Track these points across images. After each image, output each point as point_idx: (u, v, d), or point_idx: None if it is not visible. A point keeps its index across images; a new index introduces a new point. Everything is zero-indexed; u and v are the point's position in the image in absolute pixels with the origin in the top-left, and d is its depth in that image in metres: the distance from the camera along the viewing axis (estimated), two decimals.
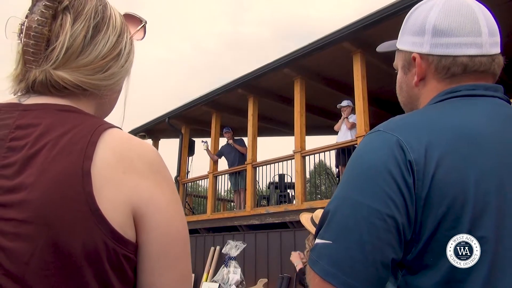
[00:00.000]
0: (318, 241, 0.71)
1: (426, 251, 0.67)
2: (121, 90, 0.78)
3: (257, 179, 8.06)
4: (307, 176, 8.40)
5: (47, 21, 0.64)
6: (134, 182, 0.61)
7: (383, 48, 0.97)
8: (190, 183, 10.34)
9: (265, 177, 9.01)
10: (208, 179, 8.90)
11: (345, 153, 6.64)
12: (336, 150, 6.97)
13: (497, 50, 0.80)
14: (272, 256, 6.38)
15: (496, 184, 0.67)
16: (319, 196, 13.80)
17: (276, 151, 9.06)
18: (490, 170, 0.68)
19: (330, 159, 11.00)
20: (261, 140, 11.47)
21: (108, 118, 0.77)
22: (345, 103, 6.94)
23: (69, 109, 0.65)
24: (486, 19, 0.79)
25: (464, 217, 0.65)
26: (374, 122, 3.73)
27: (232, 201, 9.24)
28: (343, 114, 6.90)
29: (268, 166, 7.94)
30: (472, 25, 0.78)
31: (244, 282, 6.51)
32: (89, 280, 0.56)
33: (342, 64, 6.84)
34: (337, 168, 7.33)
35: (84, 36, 0.67)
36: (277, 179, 8.28)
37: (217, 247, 7.34)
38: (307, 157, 7.15)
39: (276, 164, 7.79)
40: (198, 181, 10.30)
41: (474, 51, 0.78)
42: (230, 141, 8.60)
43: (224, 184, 8.86)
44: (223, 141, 9.04)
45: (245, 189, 7.90)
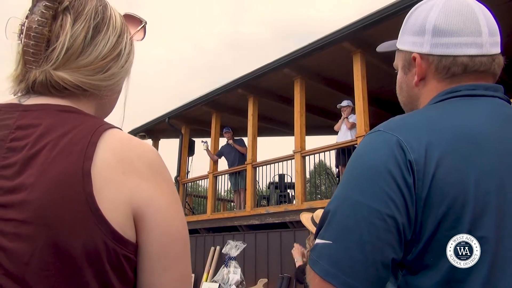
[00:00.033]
0: (318, 241, 0.71)
1: (426, 251, 0.67)
2: (121, 91, 0.78)
3: (257, 179, 8.06)
4: (307, 176, 8.40)
5: (47, 22, 0.64)
6: (134, 183, 0.61)
7: (383, 48, 0.97)
8: (190, 183, 10.34)
9: (265, 177, 9.04)
10: (208, 179, 8.90)
11: (345, 153, 6.64)
12: (336, 150, 6.97)
13: (497, 50, 0.80)
14: (272, 256, 6.38)
15: (496, 184, 0.67)
16: (319, 196, 13.80)
17: (276, 151, 9.07)
18: (490, 170, 0.68)
19: (330, 159, 11.05)
20: (261, 140, 11.49)
21: (108, 118, 0.77)
22: (345, 103, 6.94)
23: (69, 110, 0.65)
24: (486, 19, 0.79)
25: (464, 217, 0.65)
26: (374, 122, 3.73)
27: (232, 201, 9.24)
28: (343, 114, 6.90)
29: (268, 166, 7.94)
30: (472, 25, 0.78)
31: (244, 282, 6.51)
32: (89, 280, 0.56)
33: (342, 64, 6.84)
34: (337, 168, 7.33)
35: (84, 37, 0.67)
36: (277, 179, 8.28)
37: (217, 247, 7.34)
38: (307, 157, 7.15)
39: (276, 164, 7.79)
40: (198, 181, 10.30)
41: (474, 51, 0.78)
42: (230, 141, 8.60)
43: (224, 184, 8.87)
44: (223, 141, 9.04)
45: (245, 189, 7.90)
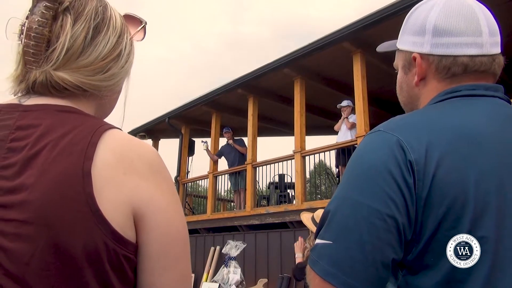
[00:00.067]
0: (318, 241, 0.71)
1: (427, 251, 0.67)
2: (121, 91, 0.78)
3: (257, 179, 8.06)
4: (307, 176, 8.40)
5: (48, 22, 0.64)
6: (134, 183, 0.61)
7: (383, 48, 0.97)
8: (190, 183, 10.34)
9: (265, 177, 9.05)
10: (208, 179, 8.90)
11: (345, 153, 6.64)
12: (336, 150, 6.97)
13: (498, 50, 0.80)
14: (272, 256, 6.38)
15: (496, 184, 0.67)
16: (319, 196, 13.80)
17: (276, 151, 9.08)
18: (490, 170, 0.68)
19: (330, 159, 11.05)
20: (261, 140, 11.50)
21: (108, 118, 0.77)
22: (345, 103, 6.94)
23: (69, 110, 0.65)
24: (487, 19, 0.79)
25: (465, 217, 0.65)
26: (374, 122, 3.74)
27: (232, 201, 9.24)
28: (343, 114, 6.90)
29: (268, 166, 7.94)
30: (473, 25, 0.78)
31: (244, 282, 6.50)
32: (89, 281, 0.56)
33: (342, 64, 6.83)
34: (337, 168, 7.33)
35: (85, 37, 0.67)
36: (277, 179, 8.28)
37: (217, 247, 7.34)
38: (307, 157, 7.15)
39: (276, 164, 7.78)
40: (198, 181, 10.30)
41: (475, 51, 0.78)
42: (230, 141, 8.59)
43: (224, 184, 8.87)
44: (223, 141, 9.04)
45: (245, 189, 7.89)
